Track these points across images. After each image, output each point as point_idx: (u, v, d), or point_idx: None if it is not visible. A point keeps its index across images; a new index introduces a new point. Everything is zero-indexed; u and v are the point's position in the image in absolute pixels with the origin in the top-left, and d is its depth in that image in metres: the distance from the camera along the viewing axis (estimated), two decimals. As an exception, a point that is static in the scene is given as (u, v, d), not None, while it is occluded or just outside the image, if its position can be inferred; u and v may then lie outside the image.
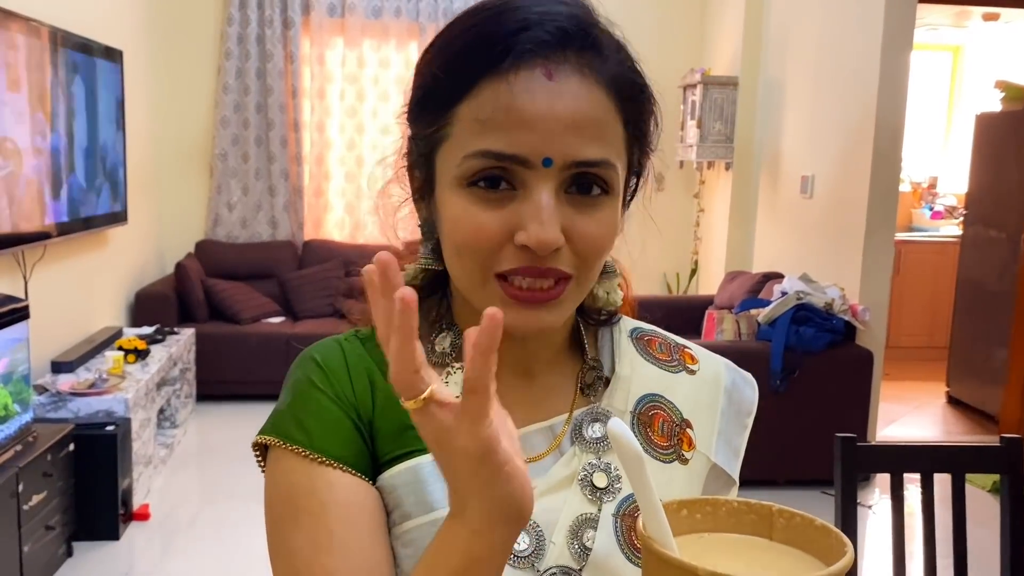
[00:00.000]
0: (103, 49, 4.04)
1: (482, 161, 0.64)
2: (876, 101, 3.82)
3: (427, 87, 0.69)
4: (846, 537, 0.56)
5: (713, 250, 5.47)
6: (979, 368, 5.03)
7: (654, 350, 0.82)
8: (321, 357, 0.73)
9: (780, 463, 3.71)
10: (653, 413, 0.77)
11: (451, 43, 0.67)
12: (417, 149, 0.71)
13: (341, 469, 0.68)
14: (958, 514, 1.59)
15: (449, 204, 0.67)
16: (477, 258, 0.66)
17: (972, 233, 5.22)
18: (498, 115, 0.63)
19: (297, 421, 0.70)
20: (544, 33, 0.64)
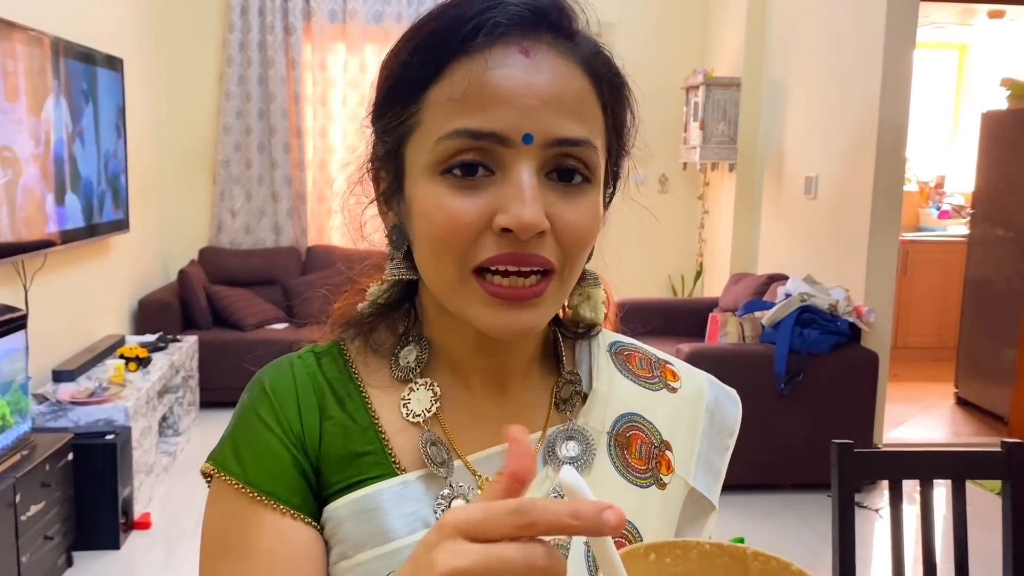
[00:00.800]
0: (104, 58, 4.05)
1: (457, 141, 0.60)
2: (879, 100, 3.79)
3: (395, 76, 0.65)
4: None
5: (718, 252, 5.44)
6: (988, 369, 4.98)
7: (633, 366, 0.78)
8: (269, 382, 0.70)
9: (786, 467, 3.68)
10: (631, 434, 0.73)
11: (419, 29, 0.64)
12: (384, 146, 0.67)
13: (273, 507, 0.65)
14: (959, 519, 1.56)
15: (421, 196, 0.63)
16: (454, 252, 0.61)
17: (979, 232, 5.17)
18: (473, 92, 0.60)
19: (235, 451, 0.67)
20: (517, 7, 0.61)
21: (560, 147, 0.61)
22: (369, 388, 0.70)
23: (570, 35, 0.63)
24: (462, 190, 0.61)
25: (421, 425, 0.69)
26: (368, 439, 0.68)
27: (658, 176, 5.67)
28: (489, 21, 0.60)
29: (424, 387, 0.70)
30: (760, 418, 3.63)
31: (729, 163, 5.15)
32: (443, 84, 0.61)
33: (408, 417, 0.69)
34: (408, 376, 0.71)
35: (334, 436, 0.68)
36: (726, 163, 5.18)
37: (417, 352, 0.71)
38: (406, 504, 0.66)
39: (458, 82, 0.60)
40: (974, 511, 1.60)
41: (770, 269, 4.71)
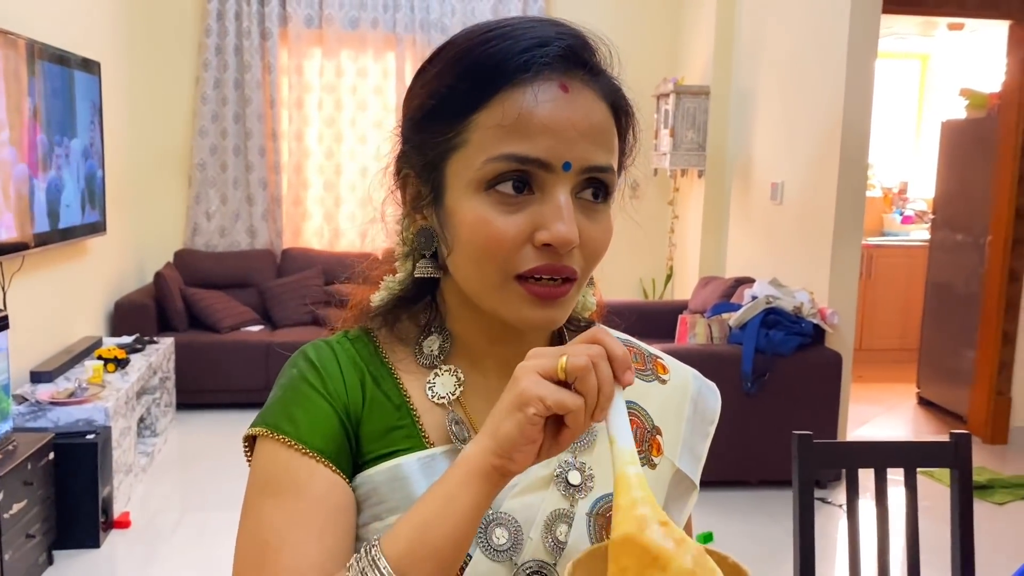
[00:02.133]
0: (81, 61, 4.07)
1: (506, 164, 0.69)
2: (843, 109, 3.92)
3: (439, 97, 0.72)
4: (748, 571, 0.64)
5: (687, 256, 5.56)
6: (948, 369, 5.14)
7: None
8: (316, 356, 0.78)
9: (752, 464, 3.79)
10: (629, 420, 0.83)
11: (464, 56, 0.72)
12: (421, 158, 0.74)
13: (322, 462, 0.72)
14: (911, 505, 1.66)
15: (466, 209, 0.71)
16: (497, 261, 0.70)
17: (940, 237, 5.34)
18: (520, 122, 0.68)
19: (287, 413, 0.74)
20: (559, 49, 0.70)
21: (591, 173, 0.71)
22: (399, 371, 0.79)
23: (597, 72, 0.73)
24: (506, 207, 0.70)
25: (446, 406, 0.78)
26: (401, 415, 0.77)
27: (629, 182, 5.76)
28: (537, 58, 0.69)
29: (449, 373, 0.79)
30: (727, 417, 3.68)
31: (698, 169, 5.27)
32: (492, 111, 0.70)
33: (433, 399, 0.78)
34: (432, 363, 0.79)
35: (373, 410, 0.76)
36: (695, 169, 5.30)
37: (440, 342, 0.80)
38: (433, 474, 0.73)
39: (508, 111, 0.69)
40: (931, 505, 1.70)
41: (738, 272, 4.84)
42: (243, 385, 4.82)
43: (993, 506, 3.79)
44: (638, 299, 5.76)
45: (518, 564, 0.74)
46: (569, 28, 0.73)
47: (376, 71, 5.64)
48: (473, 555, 0.73)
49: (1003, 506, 3.78)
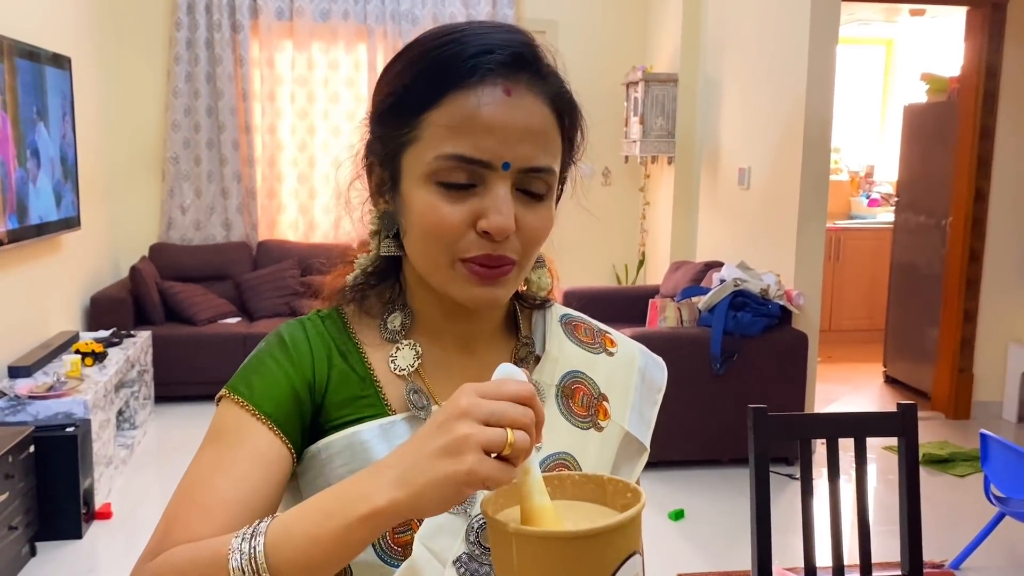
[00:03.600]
0: (51, 56, 4.08)
1: (451, 162, 0.76)
2: (805, 94, 4.01)
3: (397, 95, 0.80)
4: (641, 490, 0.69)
5: (659, 241, 5.65)
6: (913, 348, 5.27)
7: (580, 334, 0.95)
8: (288, 335, 0.86)
9: (722, 443, 3.89)
10: (575, 387, 0.91)
11: (420, 58, 0.79)
12: (382, 149, 0.82)
13: (267, 424, 0.80)
14: (860, 475, 1.76)
15: (417, 198, 0.78)
16: (442, 244, 0.78)
17: (903, 219, 5.47)
18: (465, 123, 0.75)
19: (246, 380, 0.83)
20: (504, 56, 0.77)
21: (529, 173, 0.79)
22: (364, 345, 0.87)
23: (542, 76, 0.80)
24: (452, 198, 0.77)
25: (406, 377, 0.86)
26: (365, 386, 0.85)
27: (601, 169, 5.86)
28: (483, 64, 0.76)
29: (409, 347, 0.87)
30: (697, 397, 3.84)
31: (668, 156, 5.36)
32: (441, 111, 0.76)
33: (395, 371, 0.86)
34: (395, 337, 0.87)
35: (339, 382, 0.85)
36: (665, 156, 5.39)
37: (402, 318, 0.88)
38: (391, 440, 0.82)
39: (455, 113, 0.76)
40: (894, 479, 1.77)
41: (707, 257, 4.93)
42: (221, 377, 4.67)
43: (954, 478, 3.92)
44: (611, 284, 5.85)
45: (472, 515, 0.81)
46: (519, 35, 0.80)
47: (348, 63, 5.67)
48: None
49: (964, 478, 3.91)
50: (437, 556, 0.79)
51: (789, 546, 2.87)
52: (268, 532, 0.66)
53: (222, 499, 0.74)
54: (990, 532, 3.06)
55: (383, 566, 0.79)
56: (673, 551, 3.20)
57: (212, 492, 0.75)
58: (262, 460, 0.78)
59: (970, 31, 4.70)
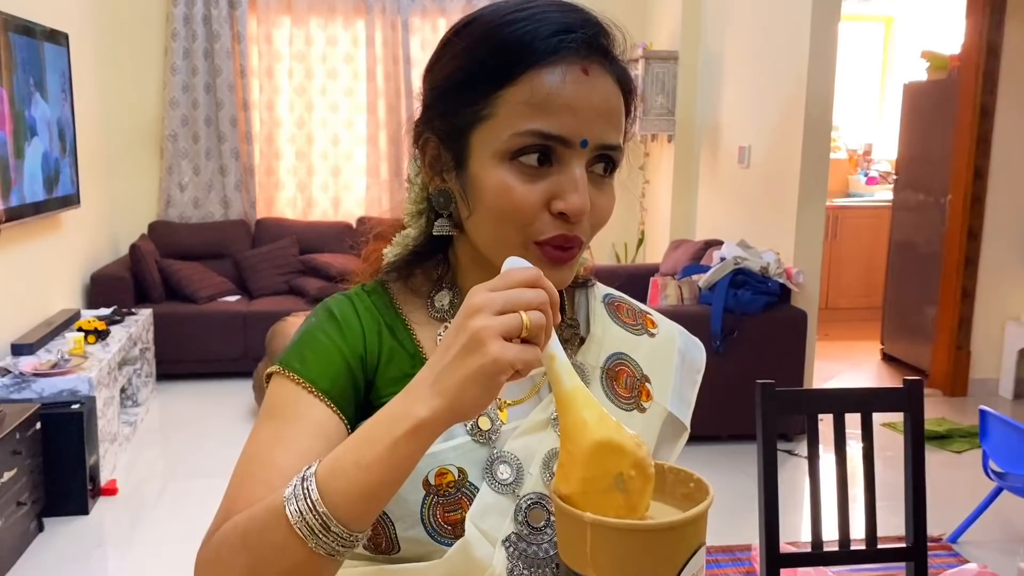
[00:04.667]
0: (48, 32, 4.05)
1: (531, 139, 0.75)
2: (807, 72, 4.01)
3: (469, 71, 0.78)
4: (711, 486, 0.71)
5: (658, 220, 5.66)
6: (911, 326, 5.30)
7: (622, 315, 0.96)
8: (337, 310, 0.85)
9: (722, 419, 3.90)
10: (619, 369, 0.91)
11: (493, 35, 0.77)
12: (445, 126, 0.80)
13: (323, 400, 0.80)
14: (867, 449, 1.78)
15: (491, 176, 0.77)
16: (515, 225, 0.77)
17: (902, 198, 5.48)
18: (545, 100, 0.75)
19: (299, 355, 0.82)
20: (584, 36, 0.77)
21: (603, 150, 0.79)
22: (411, 322, 0.87)
23: (613, 58, 0.81)
24: (528, 177, 0.77)
25: None
26: (415, 363, 0.84)
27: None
28: (565, 43, 0.76)
29: None
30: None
31: (668, 135, 5.35)
32: (519, 88, 0.76)
33: None
34: (443, 316, 0.87)
35: (389, 358, 0.84)
36: (665, 135, 5.38)
37: (451, 297, 0.87)
38: None
39: (536, 90, 0.75)
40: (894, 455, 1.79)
41: (707, 235, 4.94)
42: (222, 354, 4.87)
43: (951, 454, 3.96)
44: (611, 263, 5.86)
45: (520, 496, 0.82)
46: (591, 16, 0.81)
47: (346, 39, 5.64)
48: (480, 488, 0.81)
49: (960, 454, 3.95)
50: (487, 535, 0.80)
51: (789, 522, 2.91)
52: (318, 471, 0.67)
53: (284, 473, 0.73)
54: (988, 506, 3.10)
55: (433, 543, 0.80)
56: (674, 526, 3.24)
57: (273, 467, 0.74)
58: (321, 434, 0.78)
59: (971, 8, 4.69)
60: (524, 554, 0.81)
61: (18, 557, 2.90)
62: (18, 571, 2.84)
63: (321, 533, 0.65)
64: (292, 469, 0.73)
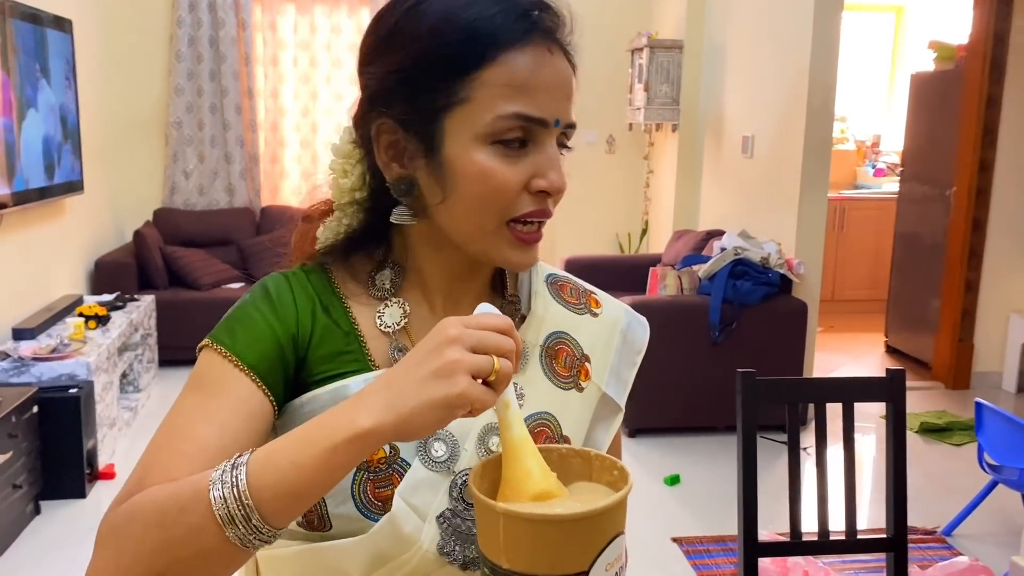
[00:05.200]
0: (52, 19, 4.07)
1: (515, 121, 0.76)
2: (809, 62, 3.98)
3: (435, 53, 0.76)
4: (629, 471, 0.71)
5: (662, 210, 5.64)
6: (915, 318, 5.27)
7: (565, 294, 0.96)
8: (272, 287, 0.85)
9: (719, 411, 3.91)
10: (559, 347, 0.91)
11: (460, 15, 0.76)
12: (411, 110, 0.78)
13: (249, 375, 0.79)
14: (848, 438, 1.77)
15: (472, 160, 0.77)
16: (496, 207, 0.78)
17: (908, 189, 5.44)
18: (524, 82, 0.76)
19: (230, 330, 0.81)
20: (549, 16, 0.79)
21: (567, 129, 0.81)
22: (349, 301, 0.87)
23: (566, 39, 0.82)
24: (509, 159, 0.77)
25: (391, 335, 0.86)
26: (349, 341, 0.85)
27: (605, 137, 5.84)
28: (534, 23, 0.77)
29: (397, 305, 0.87)
30: (695, 365, 3.85)
31: (672, 124, 5.33)
32: (497, 70, 0.76)
33: (381, 327, 0.86)
34: (383, 295, 0.87)
35: (323, 336, 0.84)
36: (669, 124, 5.36)
37: (392, 276, 0.88)
38: None
39: (512, 72, 0.76)
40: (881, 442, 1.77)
41: (710, 225, 4.93)
42: None
43: (951, 447, 3.94)
44: (614, 253, 5.85)
45: (455, 472, 0.82)
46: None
47: (350, 27, 5.64)
48: (412, 464, 0.81)
49: (960, 447, 3.93)
50: (417, 511, 0.80)
51: (781, 512, 2.90)
52: (250, 462, 0.66)
53: (202, 445, 0.73)
54: (982, 499, 3.09)
55: (363, 520, 0.80)
56: (668, 515, 3.24)
57: (192, 439, 0.74)
58: (244, 410, 0.77)
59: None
60: (458, 530, 0.81)
61: (14, 539, 2.93)
62: (15, 552, 2.88)
63: (241, 523, 0.65)
64: (211, 442, 0.73)
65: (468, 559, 0.82)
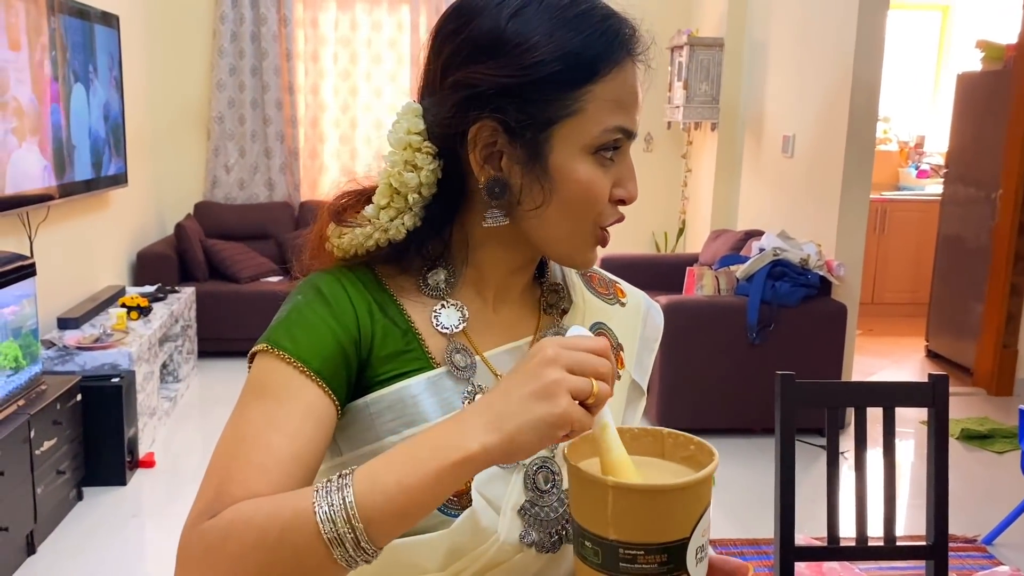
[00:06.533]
0: (100, 14, 4.14)
1: (618, 134, 0.80)
2: (853, 61, 3.92)
3: (559, 67, 0.78)
4: (714, 448, 0.74)
5: (700, 209, 5.60)
6: (957, 322, 5.18)
7: (596, 285, 0.98)
8: (325, 287, 0.83)
9: (755, 412, 3.88)
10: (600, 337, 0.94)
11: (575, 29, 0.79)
12: (526, 116, 0.78)
13: (314, 380, 0.78)
14: (888, 444, 1.75)
15: (578, 169, 0.80)
16: (594, 213, 0.82)
17: (952, 191, 5.34)
18: (626, 97, 0.80)
19: (289, 334, 0.79)
20: (641, 36, 0.83)
21: None
22: (401, 299, 0.86)
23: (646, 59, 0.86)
24: (604, 167, 0.81)
25: (450, 336, 0.86)
26: (408, 340, 0.84)
27: (643, 135, 5.80)
28: (637, 45, 0.82)
29: (454, 308, 0.87)
30: (732, 366, 3.82)
31: (711, 122, 5.28)
32: (608, 85, 0.79)
33: (439, 328, 0.85)
34: (437, 294, 0.87)
35: (384, 336, 0.83)
36: (708, 122, 5.32)
37: (446, 275, 0.87)
38: (439, 393, 0.83)
39: (619, 87, 0.80)
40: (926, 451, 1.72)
41: (749, 225, 4.88)
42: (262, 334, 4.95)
43: (993, 455, 3.87)
44: (650, 252, 5.82)
45: (525, 464, 0.84)
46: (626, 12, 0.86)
47: (391, 24, 5.67)
48: None
49: (1002, 455, 3.86)
50: (491, 503, 0.82)
51: (816, 516, 2.86)
52: (356, 483, 0.66)
53: (277, 456, 0.73)
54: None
55: (440, 515, 0.80)
56: (702, 517, 3.22)
57: (267, 449, 0.73)
58: (313, 416, 0.76)
59: (1030, -3, 4.54)
60: (536, 517, 0.84)
61: (58, 523, 2.99)
62: (58, 536, 2.94)
63: (350, 545, 0.65)
64: (284, 452, 0.73)
65: (547, 542, 0.84)
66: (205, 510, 0.71)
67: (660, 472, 0.75)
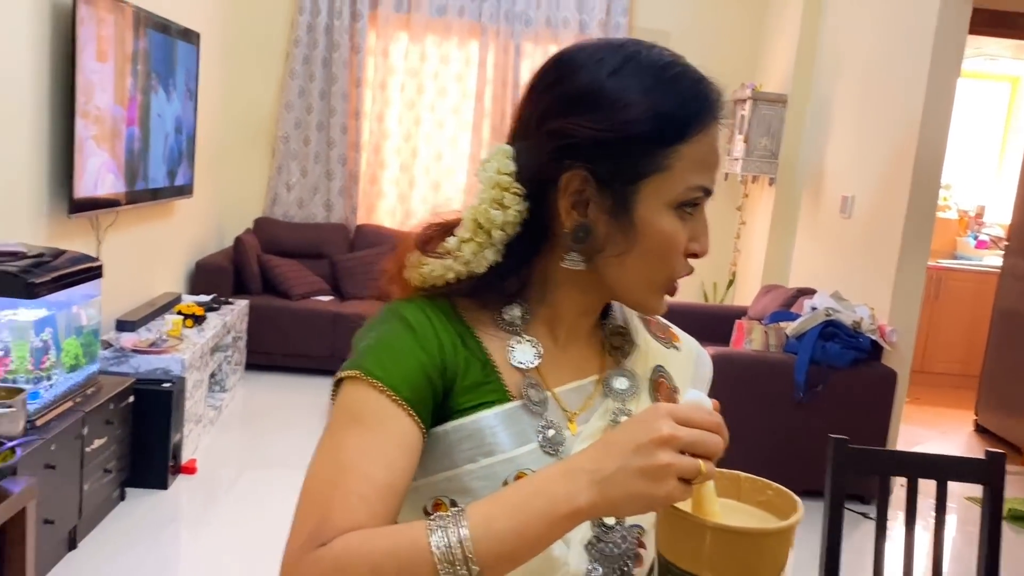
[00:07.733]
0: (182, 30, 4.29)
1: (699, 193, 0.85)
2: (919, 127, 3.90)
3: (652, 126, 0.82)
4: (794, 494, 0.76)
5: (751, 262, 5.57)
6: (1008, 398, 5.06)
7: (654, 328, 1.02)
8: (411, 317, 0.85)
9: (798, 473, 3.78)
10: (660, 380, 0.97)
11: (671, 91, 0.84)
12: (616, 169, 0.83)
13: (404, 409, 0.80)
14: (940, 518, 1.72)
15: (662, 223, 0.84)
16: (670, 265, 0.86)
17: (1012, 264, 5.25)
18: (709, 158, 0.85)
19: (379, 362, 0.81)
20: (726, 102, 0.87)
21: None
22: (479, 332, 0.89)
23: None
24: (683, 222, 0.85)
25: (525, 372, 0.89)
26: (487, 372, 0.87)
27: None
28: (722, 108, 0.86)
29: (530, 344, 0.90)
30: (777, 424, 3.78)
31: (769, 177, 5.28)
32: (695, 146, 0.84)
33: (514, 363, 0.88)
34: (513, 329, 0.90)
35: (465, 367, 0.86)
36: (766, 177, 5.31)
37: (521, 311, 0.91)
38: (512, 425, 0.86)
39: (708, 149, 0.85)
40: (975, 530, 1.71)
41: (801, 283, 4.84)
42: (310, 351, 5.02)
43: (1040, 538, 3.76)
44: (698, 301, 5.80)
45: None
46: None
47: (459, 58, 5.78)
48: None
49: (1050, 539, 3.74)
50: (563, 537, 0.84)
51: (856, 584, 2.81)
52: (472, 526, 0.70)
53: (375, 485, 0.75)
54: (1073, 598, 2.94)
55: None
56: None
57: (366, 479, 0.75)
58: (405, 444, 0.79)
59: (1105, 75, 4.49)
60: (603, 552, 0.87)
61: (100, 521, 3.05)
62: (99, 533, 3.00)
63: None
64: (381, 481, 0.76)
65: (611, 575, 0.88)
66: (311, 539, 0.72)
67: (740, 515, 0.77)
